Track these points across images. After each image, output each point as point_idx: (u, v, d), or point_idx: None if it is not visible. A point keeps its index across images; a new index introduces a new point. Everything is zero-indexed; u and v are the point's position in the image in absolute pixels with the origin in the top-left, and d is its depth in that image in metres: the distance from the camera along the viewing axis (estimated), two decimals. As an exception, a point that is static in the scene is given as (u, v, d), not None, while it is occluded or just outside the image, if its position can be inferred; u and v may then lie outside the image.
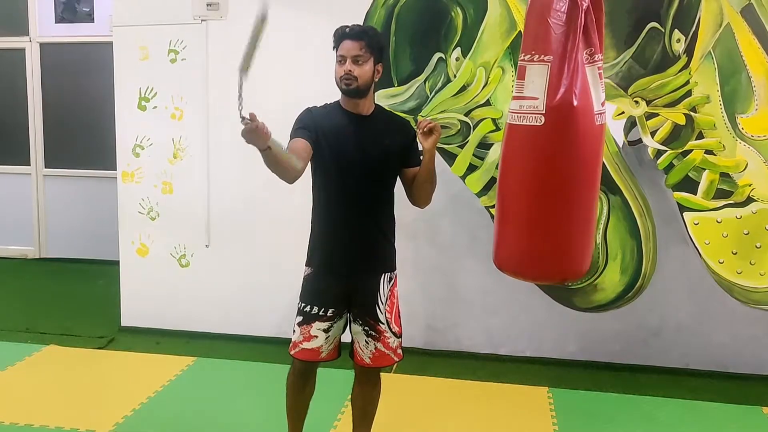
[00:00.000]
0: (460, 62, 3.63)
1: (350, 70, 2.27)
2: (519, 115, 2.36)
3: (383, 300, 2.41)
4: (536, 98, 2.29)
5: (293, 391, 2.52)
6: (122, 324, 4.19)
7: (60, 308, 4.61)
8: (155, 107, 4.01)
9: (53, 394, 3.30)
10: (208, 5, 3.84)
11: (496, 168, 3.67)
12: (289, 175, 2.19)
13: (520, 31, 3.54)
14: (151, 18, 3.94)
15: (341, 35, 2.31)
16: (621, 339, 3.68)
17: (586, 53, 2.32)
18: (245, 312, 4.04)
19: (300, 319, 2.42)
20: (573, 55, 2.26)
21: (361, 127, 2.35)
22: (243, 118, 1.95)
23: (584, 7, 2.27)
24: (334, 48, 2.34)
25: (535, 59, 2.31)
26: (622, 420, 3.12)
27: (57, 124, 5.76)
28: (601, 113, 2.36)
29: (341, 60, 2.29)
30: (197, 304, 4.08)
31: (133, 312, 4.18)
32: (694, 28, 3.42)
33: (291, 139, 2.30)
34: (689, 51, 3.43)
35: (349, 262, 2.37)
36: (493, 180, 3.67)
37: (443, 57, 3.64)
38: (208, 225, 4.01)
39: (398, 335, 2.46)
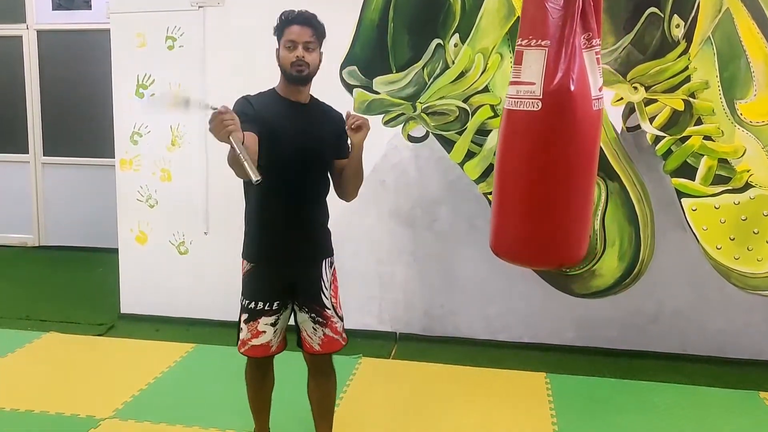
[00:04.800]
0: (458, 48, 3.61)
1: (303, 56, 2.24)
2: (516, 100, 2.35)
3: (327, 286, 2.38)
4: (533, 83, 2.28)
5: (253, 386, 2.51)
6: (122, 311, 4.21)
7: (60, 296, 4.62)
8: (153, 94, 4.00)
9: (53, 380, 3.32)
10: (205, -9, 3.83)
11: (494, 155, 3.68)
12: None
13: (518, 17, 3.51)
14: (148, 5, 3.92)
15: (288, 20, 2.26)
16: (618, 325, 3.69)
17: (584, 38, 2.31)
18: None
19: (246, 316, 2.37)
20: (570, 40, 2.25)
21: (301, 115, 2.31)
22: (207, 106, 1.99)
23: None
24: (277, 33, 2.29)
25: (532, 44, 2.30)
26: (620, 405, 3.14)
27: (55, 112, 5.75)
28: (598, 98, 2.36)
29: (291, 45, 2.24)
30: (196, 291, 4.09)
31: (132, 299, 4.20)
32: (693, 14, 3.40)
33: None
34: (688, 36, 3.42)
35: (289, 254, 2.33)
36: (491, 167, 3.67)
37: (441, 43, 3.63)
38: (207, 212, 4.02)
39: (342, 318, 2.44)
